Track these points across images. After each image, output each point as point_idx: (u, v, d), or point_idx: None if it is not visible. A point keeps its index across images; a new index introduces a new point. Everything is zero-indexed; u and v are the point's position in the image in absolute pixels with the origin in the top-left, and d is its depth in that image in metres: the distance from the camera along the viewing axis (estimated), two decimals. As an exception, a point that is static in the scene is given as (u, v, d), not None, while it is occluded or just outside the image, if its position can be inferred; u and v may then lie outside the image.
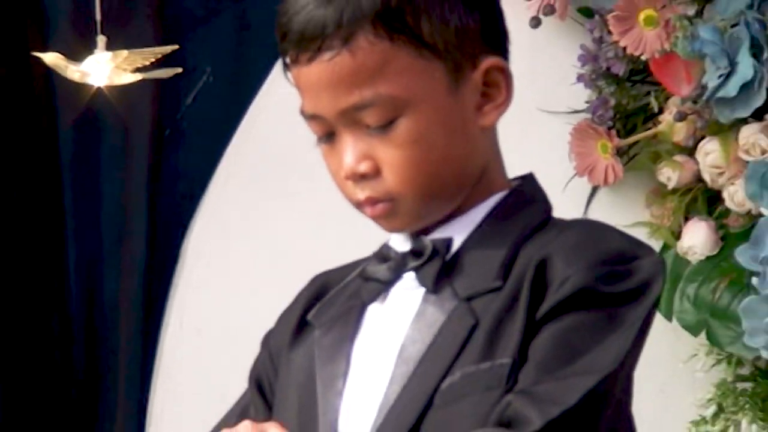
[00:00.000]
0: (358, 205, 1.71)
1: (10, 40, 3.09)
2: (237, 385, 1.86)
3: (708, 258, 2.72)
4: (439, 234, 1.72)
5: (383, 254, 1.75)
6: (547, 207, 1.75)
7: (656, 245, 2.72)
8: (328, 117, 1.69)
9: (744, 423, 2.74)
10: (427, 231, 1.73)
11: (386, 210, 1.70)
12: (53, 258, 3.14)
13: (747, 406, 2.75)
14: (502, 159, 1.76)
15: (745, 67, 2.55)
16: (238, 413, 1.81)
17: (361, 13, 1.66)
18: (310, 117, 1.70)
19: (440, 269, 1.69)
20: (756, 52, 2.56)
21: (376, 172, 1.70)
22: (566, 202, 2.62)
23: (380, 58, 1.67)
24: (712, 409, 2.76)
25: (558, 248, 1.67)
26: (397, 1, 1.67)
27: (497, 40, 1.74)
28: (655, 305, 1.67)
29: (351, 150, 1.70)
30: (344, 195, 1.73)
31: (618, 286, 1.64)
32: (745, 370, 2.76)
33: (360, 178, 1.70)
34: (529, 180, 1.75)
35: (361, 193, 1.70)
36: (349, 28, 1.66)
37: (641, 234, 2.66)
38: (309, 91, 1.70)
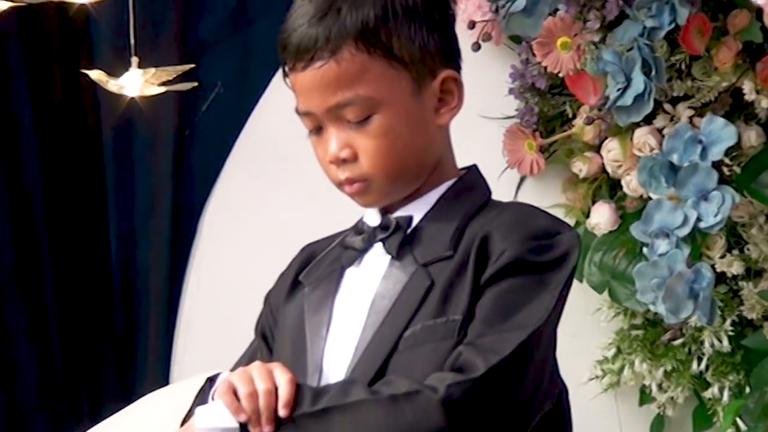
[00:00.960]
0: (339, 185, 1.73)
1: (65, 61, 3.02)
2: (243, 333, 1.88)
3: (610, 232, 2.72)
4: (402, 212, 1.73)
5: (359, 228, 1.76)
6: (487, 192, 1.77)
7: (570, 222, 2.70)
8: (318, 113, 1.71)
9: (636, 362, 2.74)
10: (392, 209, 1.74)
11: (361, 188, 1.72)
12: (98, 232, 3.08)
13: (639, 348, 2.75)
14: (453, 153, 1.78)
15: (638, 82, 2.51)
16: (248, 356, 1.82)
17: (346, 31, 1.68)
18: (304, 114, 1.73)
19: (402, 240, 1.71)
20: (646, 70, 2.50)
21: (354, 158, 1.71)
22: (501, 188, 2.48)
23: (360, 67, 1.69)
24: (613, 351, 2.78)
25: (497, 226, 1.68)
26: (374, 23, 1.68)
27: (452, 57, 1.75)
28: (573, 271, 1.69)
29: (335, 140, 1.71)
30: (328, 176, 1.75)
31: (544, 256, 1.66)
32: (637, 321, 2.76)
33: (341, 162, 1.71)
34: (473, 170, 1.78)
35: (342, 175, 1.72)
36: (336, 43, 1.68)
37: (559, 213, 2.63)
38: (303, 93, 1.72)
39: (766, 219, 2.66)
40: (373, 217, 1.75)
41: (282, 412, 1.60)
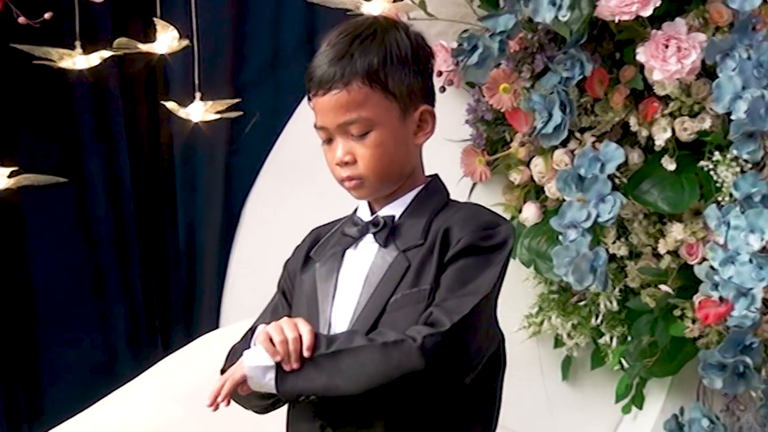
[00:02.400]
0: (341, 181, 1.72)
1: (149, 95, 2.97)
2: (271, 291, 1.84)
3: (535, 224, 2.71)
4: (386, 211, 1.72)
5: (354, 220, 1.75)
6: (446, 194, 1.76)
7: (507, 216, 2.72)
8: (330, 128, 1.70)
9: (552, 317, 2.74)
10: (378, 208, 1.73)
11: (357, 185, 1.70)
12: (170, 219, 3.02)
13: (554, 307, 2.75)
14: (424, 164, 1.76)
15: (557, 117, 2.52)
16: (270, 310, 1.80)
17: (356, 71, 1.67)
18: (320, 127, 1.71)
19: (388, 234, 1.70)
20: (563, 108, 2.52)
21: (354, 162, 1.69)
22: (459, 191, 2.72)
23: (364, 97, 1.67)
24: (536, 309, 2.78)
25: (455, 221, 1.68)
26: (376, 66, 1.67)
27: (430, 95, 1.75)
28: (510, 252, 1.69)
29: (341, 148, 1.69)
30: (334, 175, 1.72)
31: (489, 242, 1.66)
32: (554, 287, 2.76)
33: (344, 164, 1.70)
34: (436, 178, 1.77)
35: (344, 173, 1.70)
36: (348, 78, 1.67)
37: (499, 210, 2.71)
38: (320, 112, 1.70)
39: (644, 216, 2.62)
40: (365, 214, 1.74)
41: (306, 354, 1.59)
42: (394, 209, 1.72)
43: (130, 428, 2.43)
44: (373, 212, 1.73)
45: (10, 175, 2.60)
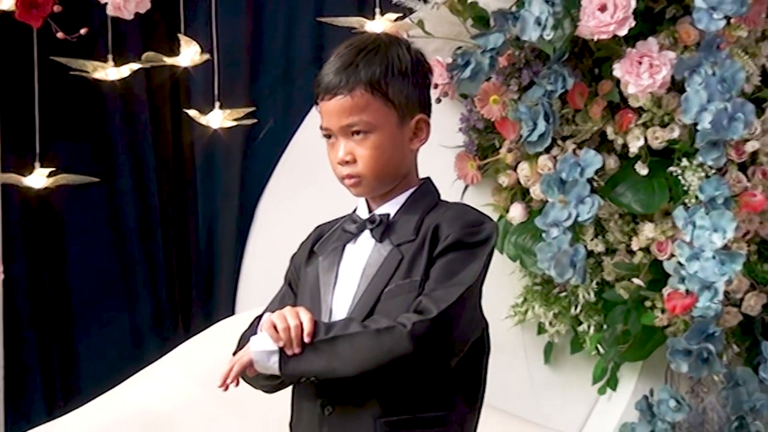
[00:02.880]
0: (342, 179, 1.70)
1: (173, 103, 2.97)
2: (280, 282, 1.82)
3: (521, 222, 2.70)
4: (382, 210, 1.71)
5: (353, 218, 1.74)
6: (437, 195, 1.74)
7: (496, 215, 2.71)
8: (334, 129, 1.69)
9: (536, 306, 2.73)
10: (375, 206, 1.71)
11: (355, 182, 1.69)
12: (191, 212, 3.01)
13: (538, 298, 2.73)
14: (418, 168, 1.75)
15: (541, 126, 2.54)
16: (278, 299, 1.79)
17: (359, 80, 1.66)
18: (325, 129, 1.70)
19: (383, 230, 1.69)
20: (546, 118, 2.53)
21: (354, 161, 1.68)
22: (452, 192, 2.64)
23: (366, 103, 1.66)
24: (521, 299, 2.76)
25: (444, 219, 1.67)
26: (378, 76, 1.66)
27: (426, 106, 1.73)
28: (493, 248, 1.68)
29: (342, 148, 1.68)
30: (335, 173, 1.71)
31: (474, 238, 1.65)
32: (538, 280, 2.74)
33: (345, 163, 1.68)
34: (428, 181, 1.75)
35: (345, 171, 1.69)
36: (352, 85, 1.66)
37: (489, 209, 2.69)
38: (326, 115, 1.70)
39: (619, 216, 2.62)
40: (363, 213, 1.73)
41: (306, 339, 1.59)
42: (389, 208, 1.71)
43: (155, 404, 2.44)
44: (370, 210, 1.73)
45: (49, 175, 2.62)
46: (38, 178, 2.61)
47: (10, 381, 2.86)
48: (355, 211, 1.76)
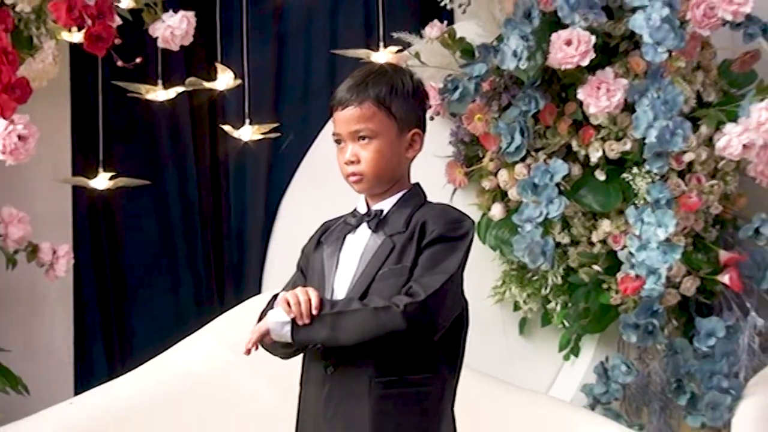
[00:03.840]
0: (347, 176, 1.69)
1: (210, 120, 2.95)
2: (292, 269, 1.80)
3: (501, 219, 2.68)
4: (377, 207, 1.70)
5: (354, 213, 1.73)
6: (424, 197, 1.73)
7: (479, 214, 2.69)
8: (344, 135, 1.68)
9: (513, 288, 2.71)
10: (373, 203, 1.70)
11: (358, 179, 1.68)
12: (224, 213, 2.98)
13: (514, 281, 2.72)
14: (410, 174, 1.73)
15: (518, 139, 2.55)
16: (292, 282, 1.77)
17: (368, 95, 1.66)
18: (336, 135, 1.70)
19: (378, 223, 1.68)
20: (522, 133, 2.54)
21: (358, 162, 1.67)
22: (443, 194, 2.66)
23: (372, 114, 1.66)
24: (501, 282, 2.74)
25: (429, 216, 1.67)
26: (383, 93, 1.66)
27: (421, 122, 1.73)
28: (471, 242, 1.66)
29: (349, 151, 1.68)
30: (342, 172, 1.70)
31: (456, 233, 1.65)
32: (514, 266, 2.71)
33: (350, 163, 1.68)
34: (418, 185, 1.74)
35: (349, 170, 1.68)
36: (361, 99, 1.66)
37: (473, 209, 2.68)
38: (337, 123, 1.69)
39: (582, 214, 2.62)
40: (362, 208, 1.72)
41: (314, 312, 1.59)
42: (384, 205, 1.71)
43: (195, 368, 2.43)
44: (368, 207, 1.72)
45: (110, 179, 2.64)
46: (101, 181, 2.64)
47: (79, 347, 2.87)
48: (355, 208, 1.76)
